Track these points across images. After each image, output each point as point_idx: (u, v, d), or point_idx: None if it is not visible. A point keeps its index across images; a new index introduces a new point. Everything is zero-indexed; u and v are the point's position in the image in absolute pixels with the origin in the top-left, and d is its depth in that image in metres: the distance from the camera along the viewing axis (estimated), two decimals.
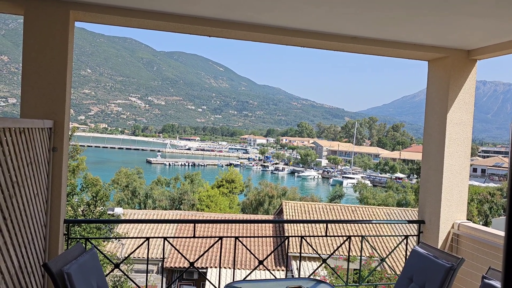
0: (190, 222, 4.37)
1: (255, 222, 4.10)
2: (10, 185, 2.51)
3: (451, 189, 4.56)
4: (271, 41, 4.25)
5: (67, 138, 3.63)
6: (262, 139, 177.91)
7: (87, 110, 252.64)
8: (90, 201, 14.15)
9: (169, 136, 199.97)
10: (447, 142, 4.52)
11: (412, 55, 4.61)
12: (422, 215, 4.82)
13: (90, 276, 2.79)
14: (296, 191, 41.19)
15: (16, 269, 2.60)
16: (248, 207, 36.63)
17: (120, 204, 32.17)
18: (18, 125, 2.69)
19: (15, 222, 2.61)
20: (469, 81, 4.57)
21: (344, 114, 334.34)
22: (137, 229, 19.71)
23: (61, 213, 3.58)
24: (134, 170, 40.39)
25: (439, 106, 4.63)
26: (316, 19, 3.68)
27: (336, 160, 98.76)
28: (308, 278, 3.67)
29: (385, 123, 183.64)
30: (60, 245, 3.60)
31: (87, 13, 3.60)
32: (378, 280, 8.72)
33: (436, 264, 3.29)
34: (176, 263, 17.66)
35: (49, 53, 3.50)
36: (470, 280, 4.20)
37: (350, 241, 4.81)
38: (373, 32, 4.01)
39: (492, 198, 29.20)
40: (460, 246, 4.48)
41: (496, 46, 4.13)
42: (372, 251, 11.33)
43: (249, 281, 3.62)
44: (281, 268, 17.28)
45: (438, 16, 3.40)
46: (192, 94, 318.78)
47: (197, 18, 3.76)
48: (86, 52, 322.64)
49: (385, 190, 49.42)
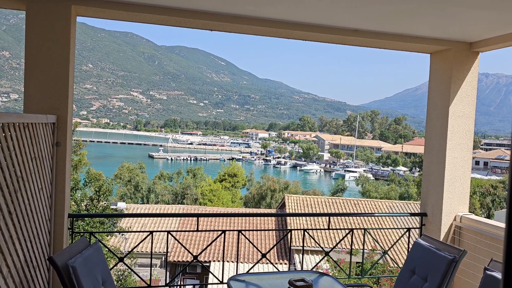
0: (194, 216, 4.39)
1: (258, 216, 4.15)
2: (14, 179, 2.53)
3: (454, 181, 4.56)
4: (273, 34, 4.24)
5: (70, 133, 3.64)
6: (264, 133, 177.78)
7: (89, 105, 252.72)
8: (93, 195, 14.21)
9: (171, 131, 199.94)
10: (449, 135, 4.52)
11: (414, 47, 4.59)
12: (425, 208, 4.83)
13: (95, 269, 2.82)
14: (299, 185, 41.22)
15: (22, 263, 2.63)
16: (250, 201, 36.71)
17: (123, 199, 32.30)
18: (22, 120, 2.71)
19: (20, 217, 2.63)
20: (472, 74, 4.56)
21: (346, 107, 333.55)
22: (140, 223, 19.78)
23: (65, 208, 3.60)
24: (137, 165, 40.53)
25: (441, 99, 4.62)
26: (318, 12, 3.67)
27: (338, 154, 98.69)
28: (311, 271, 3.69)
29: (387, 116, 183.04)
30: (65, 239, 3.63)
31: (88, 8, 3.60)
32: (380, 272, 8.75)
33: (439, 256, 3.30)
34: (179, 257, 17.75)
35: (52, 48, 3.51)
36: (472, 272, 4.22)
37: (353, 234, 4.83)
38: (375, 25, 4.00)
39: (495, 190, 29.17)
40: (462, 239, 4.49)
41: (498, 38, 4.11)
42: (375, 244, 11.36)
43: (252, 274, 3.65)
44: (284, 262, 17.35)
45: (440, 9, 3.38)
46: (194, 89, 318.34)
47: (199, 12, 3.76)
48: (87, 47, 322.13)
49: (387, 184, 49.44)
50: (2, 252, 2.26)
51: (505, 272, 0.61)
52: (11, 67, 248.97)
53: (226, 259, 17.27)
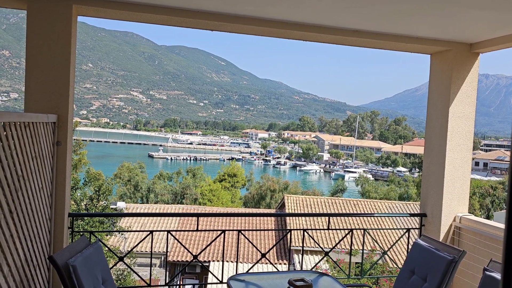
0: (194, 215, 4.39)
1: (258, 216, 4.15)
2: (15, 178, 2.53)
3: (453, 182, 4.56)
4: (273, 35, 4.24)
5: (70, 132, 3.65)
6: (264, 133, 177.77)
7: (88, 105, 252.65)
8: (93, 195, 14.22)
9: (171, 131, 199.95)
10: (449, 135, 4.52)
11: (414, 48, 4.60)
12: (424, 208, 4.83)
13: (95, 268, 2.82)
14: (298, 185, 41.22)
15: (22, 261, 2.64)
16: (250, 201, 36.70)
17: (123, 199, 32.29)
18: (23, 119, 2.71)
19: (21, 216, 2.64)
20: (472, 75, 4.56)
21: (346, 108, 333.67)
22: (139, 223, 19.78)
23: (65, 207, 3.60)
24: (136, 164, 40.52)
25: (441, 100, 4.63)
26: (318, 13, 3.68)
27: (338, 154, 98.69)
28: (311, 271, 3.70)
29: (387, 117, 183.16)
30: (65, 238, 3.63)
31: (89, 8, 3.61)
32: (380, 273, 8.77)
33: (438, 257, 3.31)
34: (178, 256, 17.75)
35: (52, 48, 3.51)
36: (472, 273, 4.23)
37: (352, 235, 4.83)
38: (375, 26, 4.01)
39: (494, 191, 29.17)
40: (462, 239, 4.50)
41: (499, 39, 4.12)
42: (374, 244, 11.36)
43: (252, 274, 3.65)
44: (283, 262, 17.35)
45: (440, 9, 3.39)
46: (194, 89, 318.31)
47: (199, 12, 3.76)
48: (87, 46, 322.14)
49: (387, 184, 49.44)
50: (2, 251, 2.27)
51: (505, 272, 0.61)
52: (11, 66, 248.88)
53: (225, 259, 17.27)
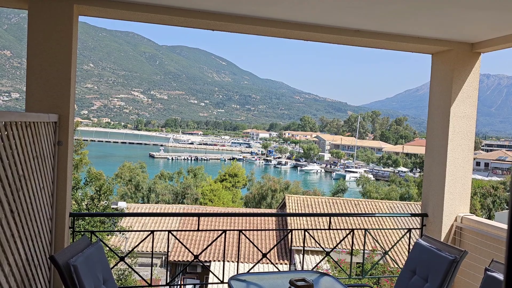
0: (195, 215, 4.39)
1: (259, 216, 4.13)
2: (16, 178, 2.53)
3: (454, 182, 4.56)
4: (274, 34, 4.24)
5: (71, 132, 3.65)
6: (265, 133, 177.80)
7: (89, 105, 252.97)
8: (94, 195, 14.22)
9: (171, 131, 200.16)
10: (451, 135, 4.52)
11: (416, 48, 4.59)
12: (425, 208, 4.83)
13: (96, 268, 2.82)
14: (299, 185, 41.19)
15: (23, 261, 2.64)
16: (251, 201, 36.68)
17: (124, 198, 32.29)
18: (24, 119, 2.71)
19: (22, 215, 2.64)
20: (473, 75, 4.56)
21: (347, 108, 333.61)
22: (140, 223, 19.79)
23: (66, 207, 3.61)
24: (137, 164, 40.51)
25: (442, 100, 4.62)
26: (319, 13, 3.68)
27: (339, 154, 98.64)
28: (312, 271, 3.69)
29: (388, 117, 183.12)
30: (66, 238, 3.64)
31: (90, 7, 3.61)
32: (381, 273, 8.76)
33: (439, 257, 3.30)
34: (179, 256, 17.75)
35: (54, 48, 3.52)
36: (473, 273, 4.22)
37: (353, 235, 4.83)
38: (376, 26, 4.00)
39: (495, 191, 29.12)
40: (463, 239, 4.49)
41: (500, 39, 4.11)
42: (375, 245, 11.36)
43: (253, 274, 3.65)
44: (284, 262, 17.36)
45: (441, 9, 3.38)
46: (195, 88, 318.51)
47: (200, 12, 3.76)
48: (88, 46, 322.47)
49: (388, 184, 49.40)
50: (3, 251, 2.27)
51: (508, 272, 0.61)
52: (12, 66, 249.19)
53: (226, 258, 17.27)
